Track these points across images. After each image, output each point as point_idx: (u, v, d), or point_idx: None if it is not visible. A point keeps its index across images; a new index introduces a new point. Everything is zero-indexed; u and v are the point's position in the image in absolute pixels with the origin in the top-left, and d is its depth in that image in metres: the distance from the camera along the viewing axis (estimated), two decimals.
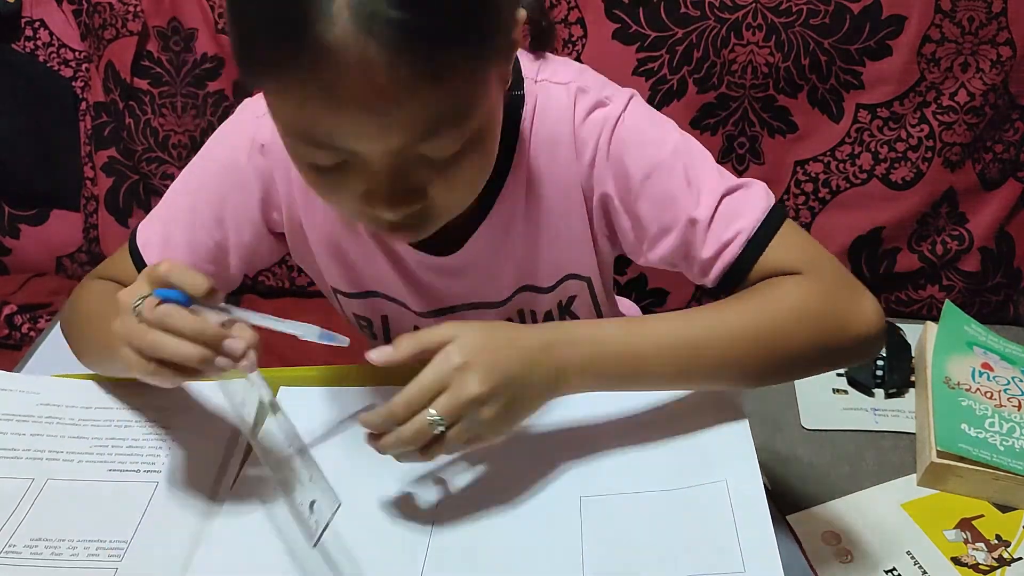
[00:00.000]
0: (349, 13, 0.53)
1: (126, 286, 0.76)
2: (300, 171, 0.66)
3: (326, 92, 0.55)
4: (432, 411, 0.62)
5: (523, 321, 0.89)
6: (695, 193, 0.74)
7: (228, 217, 0.82)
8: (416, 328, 0.86)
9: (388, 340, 0.87)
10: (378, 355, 0.66)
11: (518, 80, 0.76)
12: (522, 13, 0.65)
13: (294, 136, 0.61)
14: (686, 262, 0.78)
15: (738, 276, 0.75)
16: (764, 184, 0.77)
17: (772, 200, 0.75)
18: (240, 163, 0.80)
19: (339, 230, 0.83)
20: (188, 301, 0.63)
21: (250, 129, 0.80)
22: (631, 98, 0.77)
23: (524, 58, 0.79)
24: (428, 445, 0.63)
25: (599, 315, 0.91)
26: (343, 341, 0.68)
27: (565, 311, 0.89)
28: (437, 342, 0.65)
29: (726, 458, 0.69)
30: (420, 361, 0.65)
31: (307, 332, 0.69)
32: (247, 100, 0.83)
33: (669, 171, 0.75)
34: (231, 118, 0.84)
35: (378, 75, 0.54)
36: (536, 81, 0.77)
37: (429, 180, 0.64)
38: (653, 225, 0.76)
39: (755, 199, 0.75)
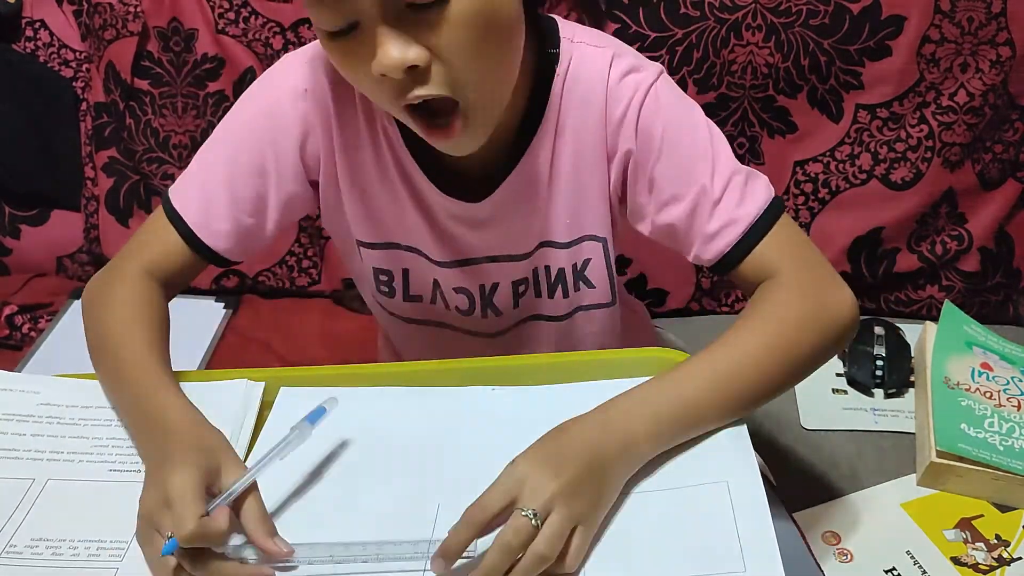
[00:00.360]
0: None
1: (172, 264, 0.86)
2: (325, 48, 0.69)
3: None
4: (523, 507, 0.61)
5: (537, 279, 0.92)
6: (711, 165, 0.79)
7: (270, 165, 0.84)
8: (435, 282, 0.91)
9: (407, 295, 0.94)
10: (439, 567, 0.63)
11: (555, 39, 0.80)
12: None
13: (312, 11, 0.65)
14: (687, 234, 0.81)
15: (734, 260, 0.80)
16: (767, 179, 0.82)
17: (773, 194, 0.81)
18: (283, 108, 0.82)
19: (372, 179, 0.86)
20: None
21: (293, 76, 0.83)
22: (662, 71, 0.82)
23: (563, 24, 0.82)
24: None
25: (611, 282, 0.93)
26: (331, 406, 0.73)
27: (579, 276, 0.91)
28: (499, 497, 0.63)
29: (726, 459, 0.70)
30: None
31: (302, 431, 0.71)
32: (285, 55, 0.86)
33: (692, 139, 0.80)
34: (269, 70, 0.86)
35: None
36: (573, 41, 0.81)
37: (431, 37, 0.65)
38: (667, 188, 0.81)
39: (761, 188, 0.80)
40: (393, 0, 0.63)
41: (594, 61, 0.80)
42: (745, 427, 0.73)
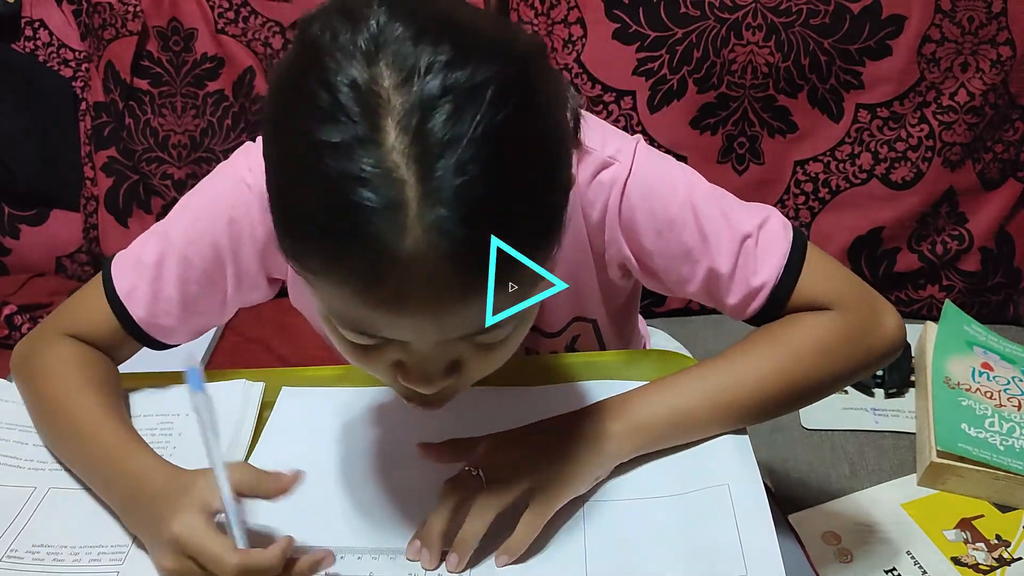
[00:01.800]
0: (421, 227, 0.48)
1: (107, 346, 0.80)
2: (332, 337, 0.61)
3: (388, 300, 0.51)
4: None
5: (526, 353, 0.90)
6: (713, 245, 0.73)
7: (228, 271, 0.78)
8: None
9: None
10: (413, 554, 0.66)
11: None
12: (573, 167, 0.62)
13: (337, 320, 0.57)
14: (713, 302, 0.78)
15: (771, 316, 0.75)
16: (778, 214, 0.76)
17: (791, 234, 0.74)
18: (242, 212, 0.76)
19: None
20: None
21: (249, 179, 0.75)
22: (635, 150, 0.75)
23: None
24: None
25: (602, 348, 0.92)
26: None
27: (570, 348, 0.90)
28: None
29: (727, 462, 0.70)
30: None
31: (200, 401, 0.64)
32: (239, 151, 0.79)
33: (682, 227, 0.74)
34: (222, 169, 0.79)
35: (446, 288, 0.51)
36: None
37: (468, 355, 0.60)
38: (672, 277, 0.76)
39: (776, 238, 0.74)
40: (453, 337, 0.57)
41: None
42: (746, 429, 0.73)
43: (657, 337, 1.20)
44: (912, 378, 1.35)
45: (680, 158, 1.45)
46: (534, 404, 0.76)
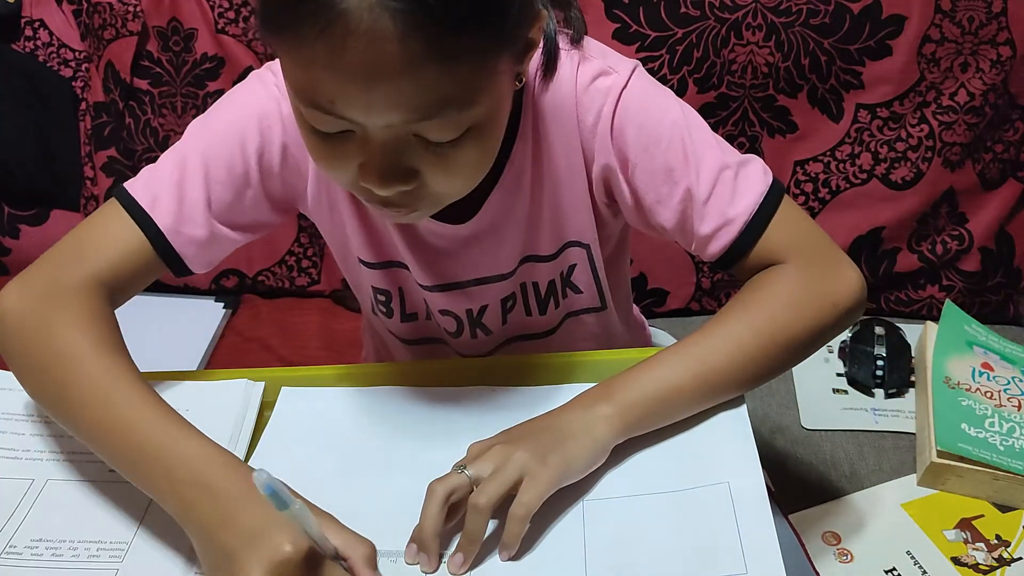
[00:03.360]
0: None
1: (129, 270, 0.76)
2: (302, 134, 0.66)
3: (335, 58, 0.56)
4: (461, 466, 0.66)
5: (525, 294, 0.90)
6: (693, 167, 0.76)
7: (252, 174, 0.79)
8: (425, 301, 0.89)
9: (404, 315, 0.92)
10: (411, 558, 0.66)
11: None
12: (542, 13, 0.66)
13: (300, 97, 0.61)
14: (683, 235, 0.79)
15: (736, 256, 0.77)
16: (762, 162, 0.79)
17: (770, 179, 0.78)
18: (271, 110, 0.78)
19: (357, 203, 0.83)
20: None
21: (267, 95, 0.78)
22: (634, 69, 0.78)
23: None
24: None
25: (598, 287, 0.92)
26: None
27: (566, 282, 0.90)
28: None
29: (728, 460, 0.70)
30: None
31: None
32: (253, 75, 0.81)
33: (668, 144, 0.76)
34: (239, 88, 0.81)
35: (388, 48, 0.55)
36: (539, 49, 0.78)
37: (424, 163, 0.64)
38: (649, 195, 0.78)
39: (754, 178, 0.77)
40: (404, 131, 0.61)
41: (561, 67, 0.76)
42: (749, 427, 0.73)
43: (658, 337, 1.20)
44: (912, 378, 1.35)
45: None
46: (533, 404, 0.76)
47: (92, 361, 0.69)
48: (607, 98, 0.76)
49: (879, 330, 1.41)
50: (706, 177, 0.76)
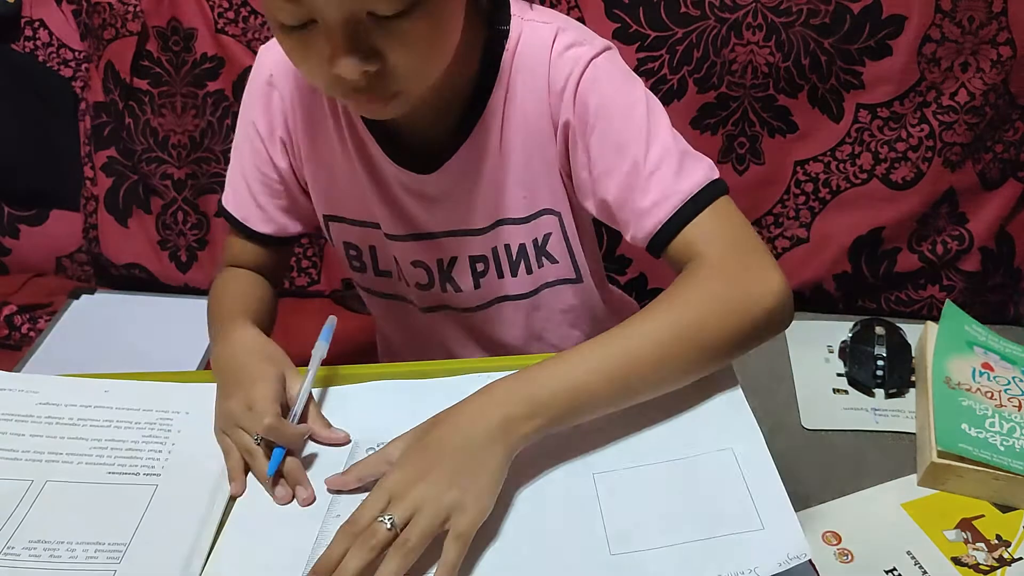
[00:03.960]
0: None
1: (241, 257, 0.98)
2: (277, 38, 0.74)
3: None
4: (383, 516, 0.63)
5: (498, 258, 0.93)
6: (644, 143, 0.79)
7: (276, 149, 0.93)
8: (395, 258, 0.95)
9: (377, 271, 0.99)
10: (331, 482, 0.72)
11: (505, 16, 0.83)
12: None
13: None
14: (622, 210, 0.81)
15: (666, 238, 0.79)
16: (712, 162, 0.81)
17: (716, 175, 0.81)
18: (262, 100, 0.92)
19: (335, 152, 0.90)
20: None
21: (263, 66, 0.92)
22: (608, 48, 0.83)
23: (514, 2, 0.84)
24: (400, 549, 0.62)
25: (572, 258, 0.95)
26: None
27: (541, 251, 0.93)
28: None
29: (730, 429, 0.71)
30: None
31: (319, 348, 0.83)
32: (261, 48, 0.94)
33: (626, 116, 0.80)
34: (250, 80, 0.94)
35: None
36: (523, 19, 0.83)
37: (383, 42, 0.69)
38: (600, 163, 0.81)
39: (700, 169, 0.80)
40: (356, 9, 0.67)
41: (540, 35, 0.82)
42: (742, 394, 0.74)
43: None
44: (912, 378, 1.35)
45: None
46: None
47: (222, 306, 0.92)
48: (576, 64, 0.81)
49: (879, 330, 1.40)
50: (655, 154, 0.79)
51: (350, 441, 0.76)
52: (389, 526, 0.62)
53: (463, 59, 0.80)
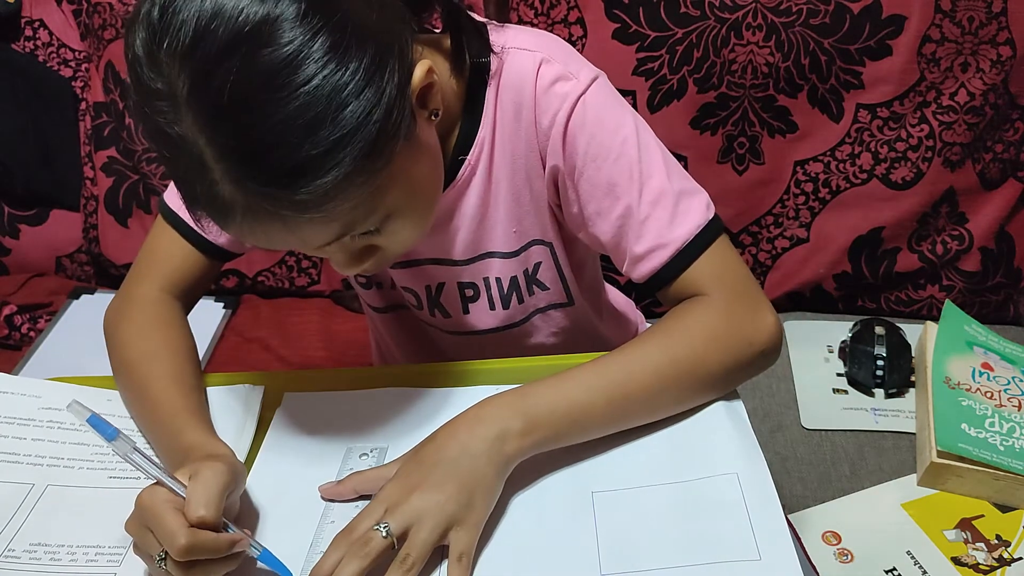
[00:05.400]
0: (233, 187, 0.59)
1: (183, 271, 0.86)
2: None
3: (245, 234, 0.63)
4: (379, 524, 0.63)
5: (488, 288, 0.92)
6: (637, 186, 0.77)
7: None
8: (389, 275, 0.94)
9: (375, 282, 0.97)
10: (325, 491, 0.71)
11: (484, 48, 0.78)
12: (417, 74, 0.65)
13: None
14: (617, 251, 0.80)
15: (663, 281, 0.78)
16: (707, 196, 0.79)
17: (711, 215, 0.78)
18: None
19: None
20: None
21: None
22: (595, 79, 0.79)
23: (493, 29, 0.80)
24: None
25: (564, 284, 0.93)
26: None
27: (532, 279, 0.91)
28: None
29: (733, 452, 0.70)
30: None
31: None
32: None
33: (616, 159, 0.77)
34: None
35: (269, 225, 0.61)
36: (504, 48, 0.79)
37: (372, 240, 0.69)
38: (591, 206, 0.79)
39: (695, 209, 0.78)
40: (320, 241, 0.65)
41: (523, 65, 0.78)
42: (746, 419, 0.74)
43: None
44: (912, 378, 1.35)
45: (680, 158, 1.46)
46: None
47: (138, 365, 0.79)
48: (563, 103, 0.77)
49: (879, 330, 1.41)
50: (648, 198, 0.77)
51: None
52: (385, 534, 0.62)
53: (447, 109, 0.77)
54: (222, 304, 1.64)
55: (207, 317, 1.60)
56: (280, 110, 0.56)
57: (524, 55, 0.78)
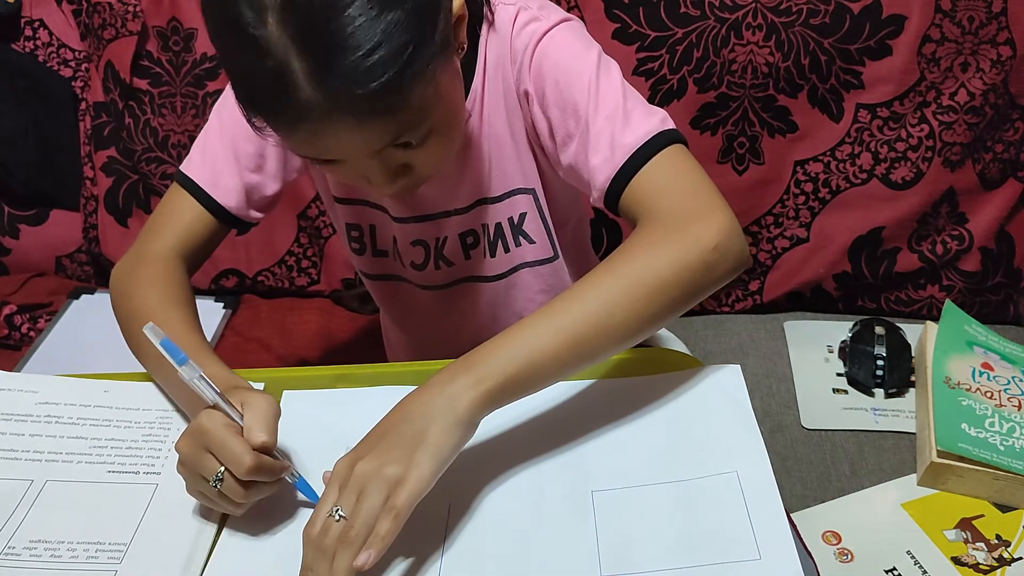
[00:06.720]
0: (313, 86, 0.63)
1: (192, 233, 0.91)
2: (322, 179, 0.78)
3: (306, 138, 0.69)
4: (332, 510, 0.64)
5: (486, 234, 0.96)
6: (595, 101, 0.80)
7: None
8: (395, 239, 0.98)
9: (374, 251, 1.01)
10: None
11: (480, 3, 0.85)
12: (456, 2, 0.72)
13: (308, 158, 0.74)
14: (583, 173, 0.83)
15: (616, 193, 0.80)
16: (667, 115, 0.81)
17: (669, 125, 0.81)
18: None
19: None
20: None
21: None
22: (565, 19, 0.85)
23: None
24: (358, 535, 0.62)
25: (549, 235, 0.97)
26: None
27: (518, 231, 0.95)
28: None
29: (735, 450, 0.70)
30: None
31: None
32: None
33: (577, 80, 0.81)
34: None
35: (341, 120, 0.66)
36: (494, 5, 0.86)
37: (409, 158, 0.74)
38: (561, 130, 0.83)
39: (650, 120, 0.80)
40: (384, 146, 0.71)
41: (505, 17, 0.85)
42: (753, 417, 0.74)
43: (659, 336, 1.21)
44: (912, 378, 1.35)
45: None
46: (535, 402, 0.76)
47: (150, 315, 0.78)
48: (532, 36, 0.83)
49: (879, 330, 1.41)
50: (605, 110, 0.80)
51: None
52: (337, 519, 0.63)
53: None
54: (222, 304, 1.64)
55: (207, 317, 1.58)
56: (365, 11, 0.62)
57: (505, 8, 0.86)
